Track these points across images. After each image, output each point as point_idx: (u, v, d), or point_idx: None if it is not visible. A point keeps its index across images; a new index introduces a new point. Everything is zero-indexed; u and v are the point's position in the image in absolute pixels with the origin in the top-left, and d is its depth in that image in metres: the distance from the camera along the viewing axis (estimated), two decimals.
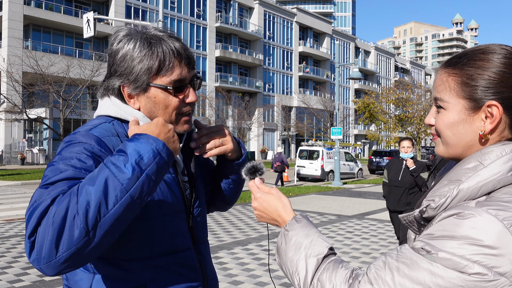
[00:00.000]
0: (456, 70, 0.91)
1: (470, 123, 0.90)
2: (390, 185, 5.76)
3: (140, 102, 1.19)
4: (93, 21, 12.93)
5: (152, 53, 1.14)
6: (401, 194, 5.63)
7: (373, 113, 27.97)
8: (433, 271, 0.77)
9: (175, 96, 1.18)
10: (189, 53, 1.20)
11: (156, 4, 38.41)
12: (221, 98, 41.60)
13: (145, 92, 1.17)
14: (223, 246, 6.77)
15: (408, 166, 5.66)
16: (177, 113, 1.20)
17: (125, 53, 1.16)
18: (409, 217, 0.94)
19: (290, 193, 14.32)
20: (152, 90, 1.17)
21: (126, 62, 1.16)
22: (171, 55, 1.15)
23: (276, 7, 49.98)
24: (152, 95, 1.17)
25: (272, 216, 1.07)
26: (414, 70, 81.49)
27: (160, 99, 1.17)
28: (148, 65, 1.14)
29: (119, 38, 1.18)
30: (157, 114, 1.19)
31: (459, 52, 0.96)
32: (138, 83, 1.16)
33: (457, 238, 0.77)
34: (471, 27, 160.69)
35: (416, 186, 5.56)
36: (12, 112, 25.16)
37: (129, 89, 1.18)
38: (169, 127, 1.08)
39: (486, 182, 0.84)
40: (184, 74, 1.18)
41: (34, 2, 32.43)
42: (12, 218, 9.40)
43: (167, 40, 1.17)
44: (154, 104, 1.18)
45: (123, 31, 1.19)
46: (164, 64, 1.15)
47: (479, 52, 0.91)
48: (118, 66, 1.17)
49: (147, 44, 1.15)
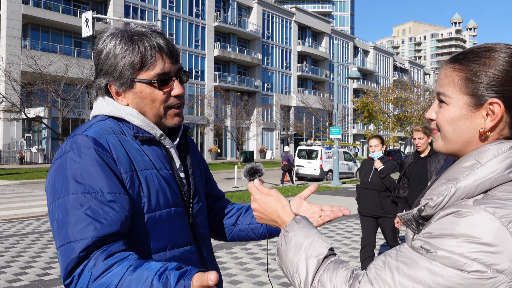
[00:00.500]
0: (461, 66, 0.92)
1: (471, 120, 0.90)
2: (361, 187, 5.26)
3: (127, 99, 1.21)
4: (91, 20, 12.91)
5: (133, 49, 1.16)
6: (372, 197, 5.10)
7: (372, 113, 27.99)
8: (433, 269, 0.77)
9: (160, 90, 1.19)
10: (172, 47, 1.21)
11: (155, 3, 38.39)
12: (219, 97, 41.57)
13: (131, 88, 1.19)
14: (222, 245, 6.78)
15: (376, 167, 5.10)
16: (165, 107, 1.21)
17: (108, 51, 1.18)
18: (407, 216, 0.95)
19: (289, 193, 14.32)
20: (138, 86, 1.18)
21: (109, 60, 1.17)
22: (153, 49, 1.17)
23: (275, 6, 49.96)
24: (138, 91, 1.19)
25: (271, 217, 1.08)
26: (413, 69, 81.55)
27: (146, 93, 1.18)
28: (130, 61, 1.16)
29: (103, 38, 1.20)
30: (145, 109, 1.20)
31: (465, 49, 0.96)
32: (123, 79, 1.17)
33: (455, 236, 0.77)
34: (470, 26, 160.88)
35: (386, 188, 5.06)
36: (11, 112, 25.09)
37: (115, 86, 1.19)
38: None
39: (484, 180, 0.85)
40: (167, 68, 1.19)
41: (33, 1, 32.38)
42: (10, 217, 9.40)
43: (149, 35, 1.18)
44: (141, 99, 1.19)
45: (107, 31, 1.22)
46: (146, 58, 1.16)
47: (485, 49, 0.91)
48: (103, 65, 1.19)
49: (129, 40, 1.17)
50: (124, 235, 1.08)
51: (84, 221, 0.99)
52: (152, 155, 1.20)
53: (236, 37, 46.47)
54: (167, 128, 1.29)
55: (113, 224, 1.01)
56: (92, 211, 1.01)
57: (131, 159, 1.15)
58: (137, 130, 1.20)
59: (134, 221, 1.11)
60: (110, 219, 1.01)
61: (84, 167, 1.06)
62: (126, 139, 1.18)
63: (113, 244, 1.01)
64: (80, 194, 1.03)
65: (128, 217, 1.06)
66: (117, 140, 1.15)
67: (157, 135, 1.22)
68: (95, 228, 0.99)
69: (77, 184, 1.04)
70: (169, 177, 1.21)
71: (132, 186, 1.13)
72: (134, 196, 1.12)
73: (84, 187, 1.03)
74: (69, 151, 1.10)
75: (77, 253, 0.97)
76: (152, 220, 1.15)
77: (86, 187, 1.04)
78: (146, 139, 1.21)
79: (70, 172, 1.06)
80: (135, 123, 1.20)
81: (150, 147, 1.21)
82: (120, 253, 1.00)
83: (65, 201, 1.03)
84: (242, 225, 1.49)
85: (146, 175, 1.16)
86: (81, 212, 1.01)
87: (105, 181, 1.05)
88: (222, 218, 1.52)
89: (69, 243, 0.98)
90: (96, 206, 1.02)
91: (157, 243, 1.16)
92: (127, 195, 1.08)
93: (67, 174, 1.06)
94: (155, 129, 1.22)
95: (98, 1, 36.58)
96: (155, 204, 1.16)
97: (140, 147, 1.19)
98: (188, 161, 1.33)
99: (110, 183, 1.06)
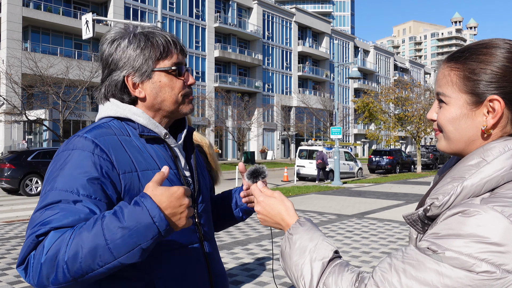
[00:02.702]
0: (459, 65, 0.90)
1: (472, 118, 0.89)
2: None
3: (145, 90, 1.24)
4: (92, 22, 12.93)
5: (152, 43, 1.23)
6: None
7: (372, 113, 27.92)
8: (441, 271, 0.75)
9: (178, 78, 1.26)
10: (180, 42, 1.30)
11: (155, 5, 38.41)
12: (220, 98, 41.58)
13: (149, 78, 1.23)
14: (223, 246, 6.77)
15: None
16: (182, 95, 1.27)
17: (124, 46, 1.22)
18: (413, 216, 0.93)
19: (290, 193, 14.31)
20: (156, 75, 1.23)
21: (127, 53, 1.22)
22: (167, 42, 1.24)
23: (275, 7, 49.99)
24: (157, 80, 1.24)
25: (275, 220, 1.06)
26: (414, 69, 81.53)
27: (165, 82, 1.24)
28: (149, 52, 1.22)
29: (112, 38, 1.24)
30: (164, 97, 1.24)
31: (462, 47, 0.95)
32: (143, 69, 1.22)
33: (463, 237, 0.76)
34: (470, 25, 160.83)
35: None
36: (12, 114, 25.11)
37: (134, 77, 1.23)
38: (183, 202, 1.00)
39: (490, 179, 0.83)
40: (181, 59, 1.27)
41: (33, 4, 32.42)
42: (12, 219, 9.40)
43: (158, 32, 1.26)
44: (160, 89, 1.24)
45: (113, 31, 1.26)
46: (164, 49, 1.23)
47: (482, 46, 0.90)
48: (119, 61, 1.22)
49: (144, 36, 1.23)
50: None
51: (52, 214, 1.02)
52: (156, 155, 1.22)
53: (237, 37, 46.49)
54: (172, 127, 1.35)
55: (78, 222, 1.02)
56: (63, 208, 1.03)
57: (132, 160, 1.16)
58: (142, 129, 1.22)
59: None
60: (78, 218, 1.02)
61: (72, 167, 1.09)
62: (128, 140, 1.19)
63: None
64: (57, 191, 1.06)
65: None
66: (118, 141, 1.17)
67: (161, 134, 1.25)
68: (60, 221, 1.01)
69: (59, 181, 1.07)
70: (173, 176, 1.22)
71: (132, 187, 1.14)
72: (134, 196, 1.13)
73: (63, 185, 1.06)
74: (65, 150, 1.13)
75: (35, 236, 1.00)
76: None
77: (66, 185, 1.06)
78: (151, 138, 1.23)
79: (58, 169, 1.09)
80: (140, 122, 1.23)
81: (154, 146, 1.23)
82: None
83: (44, 196, 1.07)
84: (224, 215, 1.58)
85: (148, 175, 1.16)
86: (53, 206, 1.04)
87: (85, 184, 1.07)
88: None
89: (32, 231, 1.01)
90: (69, 205, 1.04)
91: (163, 244, 1.16)
92: (105, 203, 1.08)
93: (55, 171, 1.10)
94: (160, 128, 1.25)
95: (98, 3, 36.62)
96: None
97: (143, 147, 1.21)
98: (192, 161, 1.34)
99: (91, 188, 1.07)
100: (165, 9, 38.98)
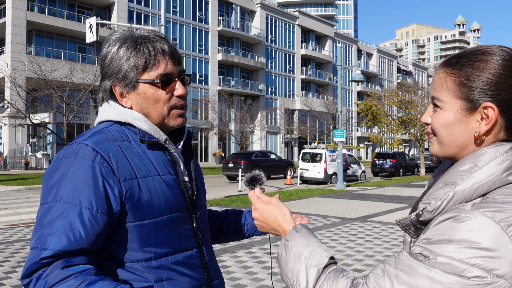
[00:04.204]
0: (455, 70, 0.91)
1: (465, 124, 0.90)
2: None
3: (131, 100, 1.24)
4: (95, 26, 12.99)
5: (137, 51, 1.20)
6: None
7: (375, 115, 27.88)
8: (432, 277, 0.76)
9: (163, 90, 1.21)
10: (174, 50, 1.25)
11: (158, 8, 38.55)
12: (223, 101, 41.64)
13: (134, 89, 1.22)
14: (226, 249, 6.77)
15: None
16: (169, 107, 1.23)
17: (112, 54, 1.21)
18: (405, 221, 0.94)
19: (293, 196, 14.29)
20: (141, 86, 1.21)
21: (114, 62, 1.21)
22: (156, 51, 1.20)
23: (278, 10, 50.07)
24: (142, 91, 1.22)
25: (272, 226, 1.08)
26: (417, 72, 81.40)
27: (150, 94, 1.21)
28: (134, 62, 1.19)
29: (108, 42, 1.24)
30: (149, 109, 1.23)
31: (459, 52, 0.95)
32: (127, 80, 1.21)
33: (454, 242, 0.77)
34: (474, 28, 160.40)
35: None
36: (16, 117, 25.23)
37: (119, 87, 1.22)
38: None
39: (481, 184, 0.84)
40: (169, 69, 1.22)
41: (37, 8, 32.63)
42: (16, 223, 9.43)
43: (152, 39, 1.22)
44: (145, 100, 1.22)
45: (113, 36, 1.25)
46: (149, 60, 1.19)
47: (478, 53, 0.90)
48: (108, 68, 1.23)
49: (133, 43, 1.20)
50: (128, 241, 1.14)
51: (55, 231, 1.03)
52: (156, 160, 1.22)
53: (240, 41, 46.58)
54: (172, 132, 1.33)
55: (80, 242, 1.04)
56: (65, 224, 1.04)
57: (132, 167, 1.16)
58: (143, 134, 1.22)
59: (138, 228, 1.14)
60: (79, 236, 1.04)
61: (73, 178, 1.09)
62: (129, 146, 1.19)
63: (76, 257, 1.05)
64: (60, 202, 1.06)
65: (100, 235, 1.09)
66: (118, 148, 1.17)
67: (162, 139, 1.24)
68: (61, 241, 1.02)
69: (62, 192, 1.07)
70: (173, 182, 1.23)
71: (133, 194, 1.14)
72: (134, 203, 1.13)
73: (66, 197, 1.06)
74: (66, 157, 1.13)
75: (39, 259, 1.01)
76: (154, 226, 1.17)
77: (69, 197, 1.06)
78: (152, 144, 1.23)
79: (59, 179, 1.09)
80: (141, 127, 1.22)
81: (154, 152, 1.23)
82: (79, 266, 1.04)
83: (47, 207, 1.08)
84: (226, 229, 1.61)
85: (148, 181, 1.17)
86: (56, 221, 1.05)
87: (87, 196, 1.08)
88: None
89: (36, 248, 1.03)
90: (71, 219, 1.05)
91: (158, 248, 1.17)
92: (107, 214, 1.10)
93: (56, 180, 1.10)
94: (161, 134, 1.24)
95: (102, 7, 36.81)
96: (157, 210, 1.17)
97: (143, 152, 1.21)
98: (191, 166, 1.35)
99: (93, 199, 1.08)
100: (169, 13, 39.12)
